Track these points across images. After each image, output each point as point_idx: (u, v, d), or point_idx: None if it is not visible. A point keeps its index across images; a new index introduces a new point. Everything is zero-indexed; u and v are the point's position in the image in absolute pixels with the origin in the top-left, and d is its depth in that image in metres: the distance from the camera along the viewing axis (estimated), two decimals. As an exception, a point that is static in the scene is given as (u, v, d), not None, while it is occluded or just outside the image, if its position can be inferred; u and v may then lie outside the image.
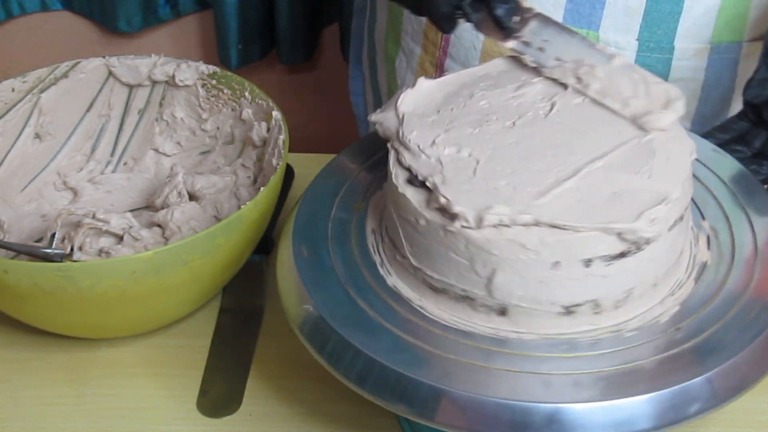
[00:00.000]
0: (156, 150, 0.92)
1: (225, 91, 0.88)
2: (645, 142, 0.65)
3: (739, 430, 0.71)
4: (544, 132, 0.66)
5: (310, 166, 0.82)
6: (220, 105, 0.89)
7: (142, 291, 0.71)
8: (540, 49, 0.70)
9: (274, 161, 0.81)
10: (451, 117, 0.68)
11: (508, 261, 0.60)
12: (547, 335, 0.62)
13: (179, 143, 0.92)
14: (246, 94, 0.86)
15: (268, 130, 0.84)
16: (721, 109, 0.94)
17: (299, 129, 1.07)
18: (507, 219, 0.59)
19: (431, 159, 0.64)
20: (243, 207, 0.73)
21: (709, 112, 0.93)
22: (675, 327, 0.62)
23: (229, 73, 0.87)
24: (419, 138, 0.66)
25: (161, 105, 0.91)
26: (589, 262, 0.60)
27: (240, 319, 0.81)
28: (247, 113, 0.86)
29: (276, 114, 0.83)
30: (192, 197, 0.85)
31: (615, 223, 0.59)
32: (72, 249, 0.78)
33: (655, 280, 0.64)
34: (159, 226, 0.82)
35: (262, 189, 0.74)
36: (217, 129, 0.89)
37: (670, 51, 0.89)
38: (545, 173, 0.62)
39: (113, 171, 0.92)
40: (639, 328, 0.62)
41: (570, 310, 0.62)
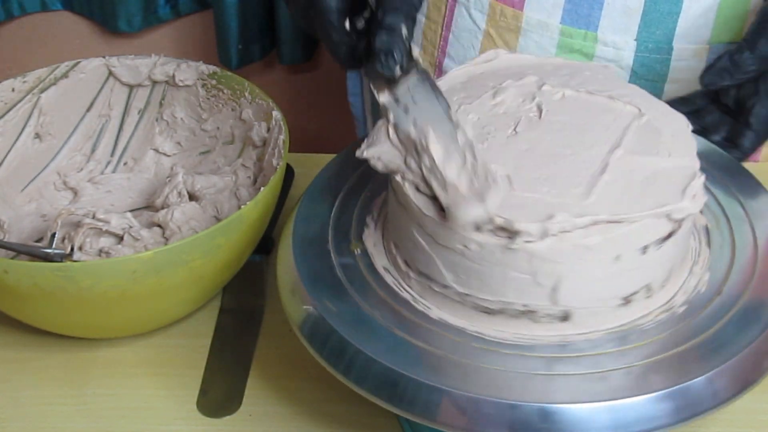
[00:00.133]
0: (156, 150, 0.92)
1: (225, 91, 0.88)
2: (644, 122, 0.66)
3: (739, 430, 0.71)
4: (548, 133, 0.66)
5: (310, 166, 0.82)
6: (220, 105, 0.89)
7: (142, 291, 0.71)
8: (405, 110, 0.65)
9: (274, 161, 0.81)
10: None
11: (572, 266, 0.60)
12: (609, 330, 0.62)
13: (179, 143, 0.92)
14: (246, 94, 0.86)
15: (268, 130, 0.84)
16: None
17: (299, 129, 1.07)
18: (569, 225, 0.59)
19: None
20: (243, 207, 0.73)
21: None
22: (675, 327, 0.62)
23: (229, 73, 0.87)
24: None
25: (161, 105, 0.91)
26: (645, 248, 0.61)
27: (240, 319, 0.81)
28: (247, 113, 0.86)
29: (276, 114, 0.82)
30: (192, 197, 0.85)
31: (665, 206, 0.60)
32: (72, 249, 0.78)
33: (686, 251, 0.66)
34: (159, 226, 0.82)
35: (262, 189, 0.74)
36: (217, 129, 0.89)
37: (668, 51, 0.89)
38: (577, 172, 0.62)
39: (113, 171, 0.92)
40: (686, 301, 0.64)
41: (628, 299, 0.63)
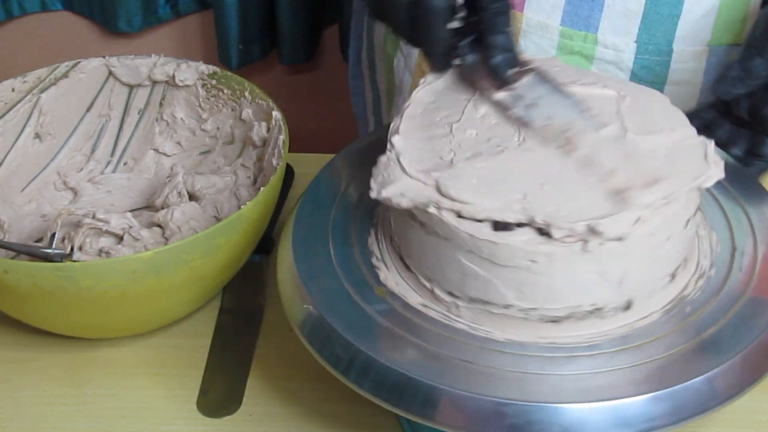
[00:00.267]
0: (156, 150, 0.92)
1: (225, 91, 0.88)
2: (629, 104, 0.67)
3: (739, 430, 0.71)
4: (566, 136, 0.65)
5: (310, 166, 0.82)
6: (220, 105, 0.89)
7: (142, 291, 0.71)
8: (530, 106, 0.66)
9: (274, 161, 0.81)
10: (460, 162, 0.63)
11: (637, 255, 0.61)
12: (665, 308, 0.63)
13: (179, 143, 0.92)
14: (246, 94, 0.86)
15: (268, 130, 0.84)
16: None
17: (299, 129, 1.07)
18: (639, 217, 0.59)
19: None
20: (243, 207, 0.73)
21: None
22: (674, 327, 0.62)
23: (229, 73, 0.87)
24: (465, 189, 0.61)
25: (161, 105, 0.91)
26: (687, 222, 0.62)
27: (240, 319, 0.81)
28: (247, 113, 0.86)
29: (276, 114, 0.82)
30: (192, 197, 0.85)
31: (701, 177, 0.61)
32: (72, 249, 0.78)
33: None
34: (159, 226, 0.82)
35: (262, 189, 0.74)
36: (217, 129, 0.89)
37: (668, 53, 0.89)
38: (606, 166, 0.62)
39: (113, 171, 0.92)
40: (713, 263, 0.66)
41: (674, 274, 0.64)
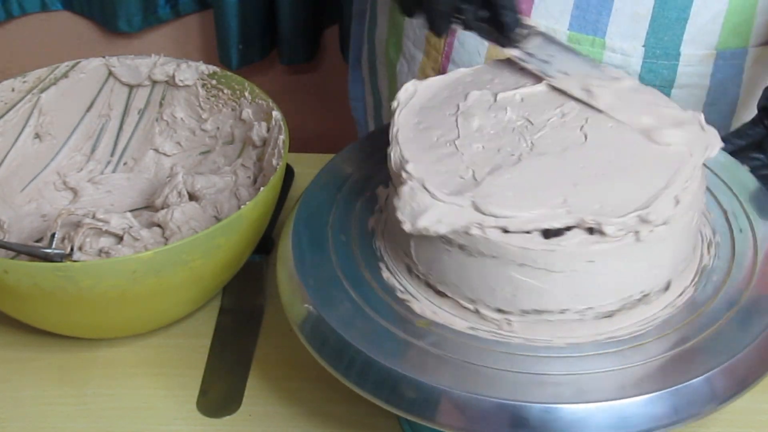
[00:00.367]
0: (156, 150, 0.92)
1: (225, 91, 0.88)
2: (617, 89, 0.67)
3: (739, 430, 0.71)
4: (560, 131, 0.65)
5: (310, 166, 0.82)
6: (220, 105, 0.89)
7: (142, 291, 0.71)
8: (544, 62, 0.68)
9: (274, 161, 0.81)
10: (484, 178, 0.62)
11: (678, 235, 0.62)
12: (694, 283, 0.66)
13: (179, 143, 0.92)
14: (246, 94, 0.86)
15: (268, 130, 0.84)
16: (727, 115, 0.94)
17: (299, 129, 1.07)
18: (677, 198, 0.61)
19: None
20: (243, 207, 0.73)
21: (715, 118, 0.93)
22: (674, 328, 0.62)
23: (229, 73, 0.87)
24: (505, 203, 0.60)
25: (161, 105, 0.91)
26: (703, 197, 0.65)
27: (240, 319, 0.81)
28: (247, 113, 0.86)
29: (276, 114, 0.82)
30: (192, 197, 0.85)
31: (708, 148, 0.63)
32: (72, 249, 0.78)
33: None
34: (159, 226, 0.82)
35: (262, 189, 0.74)
36: (217, 129, 0.89)
37: (676, 57, 0.89)
38: (629, 160, 0.63)
39: (113, 171, 0.92)
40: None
41: (695, 246, 0.66)
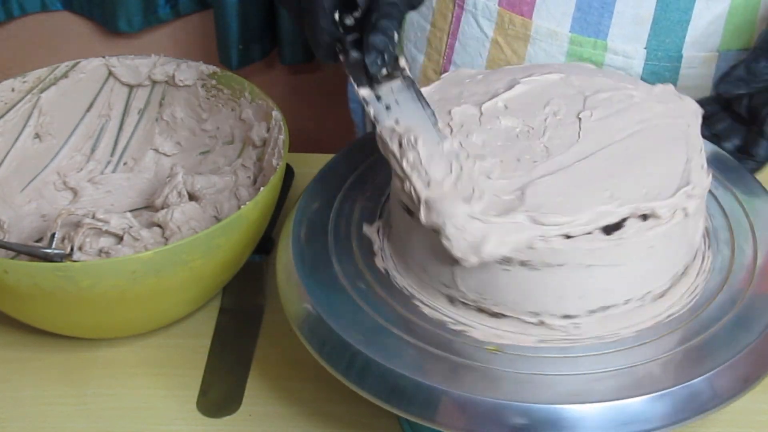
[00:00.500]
0: (156, 150, 0.92)
1: (225, 91, 0.88)
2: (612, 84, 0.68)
3: (739, 430, 0.71)
4: (568, 132, 0.65)
5: (310, 166, 0.82)
6: (220, 105, 0.89)
7: (142, 291, 0.71)
8: (387, 107, 0.66)
9: (274, 161, 0.81)
10: (522, 190, 0.62)
11: (703, 212, 0.65)
12: (703, 270, 0.67)
13: (179, 143, 0.92)
14: (246, 94, 0.86)
15: (268, 130, 0.84)
16: None
17: (299, 129, 1.07)
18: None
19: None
20: (243, 207, 0.73)
21: None
22: (674, 328, 0.62)
23: (229, 73, 0.87)
24: (559, 210, 0.60)
25: (161, 105, 0.91)
26: None
27: (240, 319, 0.81)
28: (247, 113, 0.86)
29: (276, 114, 0.82)
30: (192, 197, 0.85)
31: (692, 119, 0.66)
32: (72, 249, 0.78)
33: None
34: (159, 226, 0.82)
35: (262, 189, 0.74)
36: (217, 129, 0.89)
37: (678, 59, 0.89)
38: (639, 143, 0.64)
39: (113, 171, 0.92)
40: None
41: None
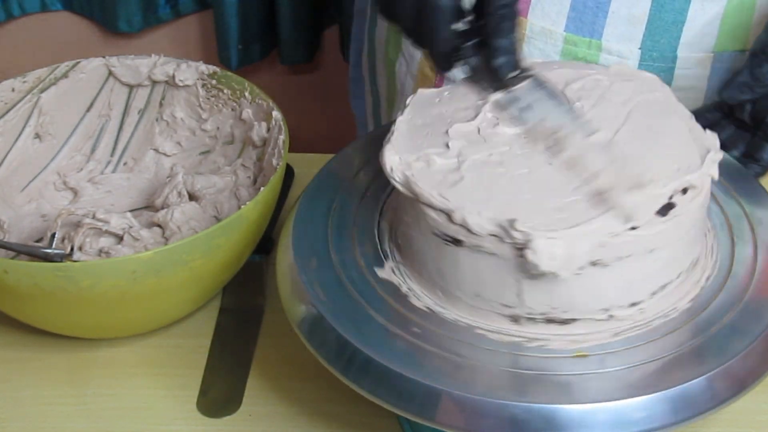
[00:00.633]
0: (156, 150, 0.92)
1: (225, 91, 0.88)
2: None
3: (739, 430, 0.71)
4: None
5: (310, 166, 0.82)
6: (220, 105, 0.89)
7: (142, 291, 0.71)
8: (525, 108, 0.66)
9: (274, 161, 0.81)
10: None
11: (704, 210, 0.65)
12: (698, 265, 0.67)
13: (179, 143, 0.92)
14: (246, 94, 0.86)
15: (268, 130, 0.84)
16: None
17: (299, 129, 1.07)
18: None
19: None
20: (243, 207, 0.73)
21: None
22: (674, 328, 0.62)
23: (229, 73, 0.87)
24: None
25: (161, 105, 0.91)
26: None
27: (240, 319, 0.81)
28: (247, 113, 0.86)
29: (276, 114, 0.82)
30: (192, 197, 0.85)
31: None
32: (72, 249, 0.78)
33: None
34: (159, 226, 0.82)
35: (262, 189, 0.74)
36: (217, 129, 0.89)
37: (673, 60, 0.88)
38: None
39: (113, 171, 0.92)
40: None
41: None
